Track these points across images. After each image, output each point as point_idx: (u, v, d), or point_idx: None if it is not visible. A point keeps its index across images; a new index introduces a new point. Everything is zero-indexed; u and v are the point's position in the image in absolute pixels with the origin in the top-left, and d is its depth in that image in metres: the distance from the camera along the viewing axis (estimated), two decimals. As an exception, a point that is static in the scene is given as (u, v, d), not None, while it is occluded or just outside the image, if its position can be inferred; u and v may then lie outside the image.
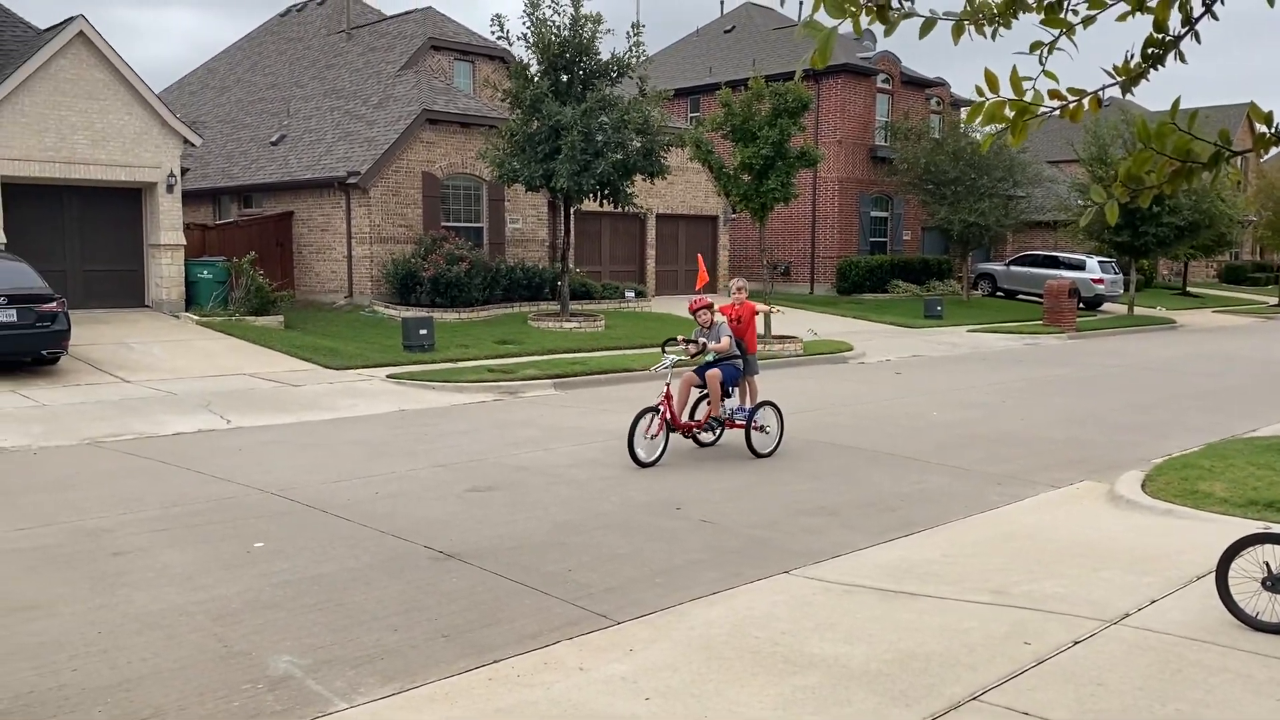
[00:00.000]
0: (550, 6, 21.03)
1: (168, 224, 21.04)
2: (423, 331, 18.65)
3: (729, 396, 10.50)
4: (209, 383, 15.00)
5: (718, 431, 10.68)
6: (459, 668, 5.00)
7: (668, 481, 9.17)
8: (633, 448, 9.50)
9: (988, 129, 2.61)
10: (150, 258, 21.38)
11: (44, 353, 14.88)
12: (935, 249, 37.93)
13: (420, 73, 26.34)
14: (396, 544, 7.09)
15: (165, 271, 21.11)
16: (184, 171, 21.69)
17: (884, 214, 36.53)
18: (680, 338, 10.54)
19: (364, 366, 17.02)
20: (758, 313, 11.74)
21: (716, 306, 10.71)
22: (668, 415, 9.80)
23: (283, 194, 25.70)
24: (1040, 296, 29.80)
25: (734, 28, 40.37)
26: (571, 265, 23.75)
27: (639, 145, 21.36)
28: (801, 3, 41.02)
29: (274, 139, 27.50)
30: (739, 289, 11.56)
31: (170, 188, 20.91)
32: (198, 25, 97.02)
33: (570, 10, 21.08)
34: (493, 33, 21.05)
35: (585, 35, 21.00)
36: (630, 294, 27.18)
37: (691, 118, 35.13)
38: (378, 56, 28.31)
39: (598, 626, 5.59)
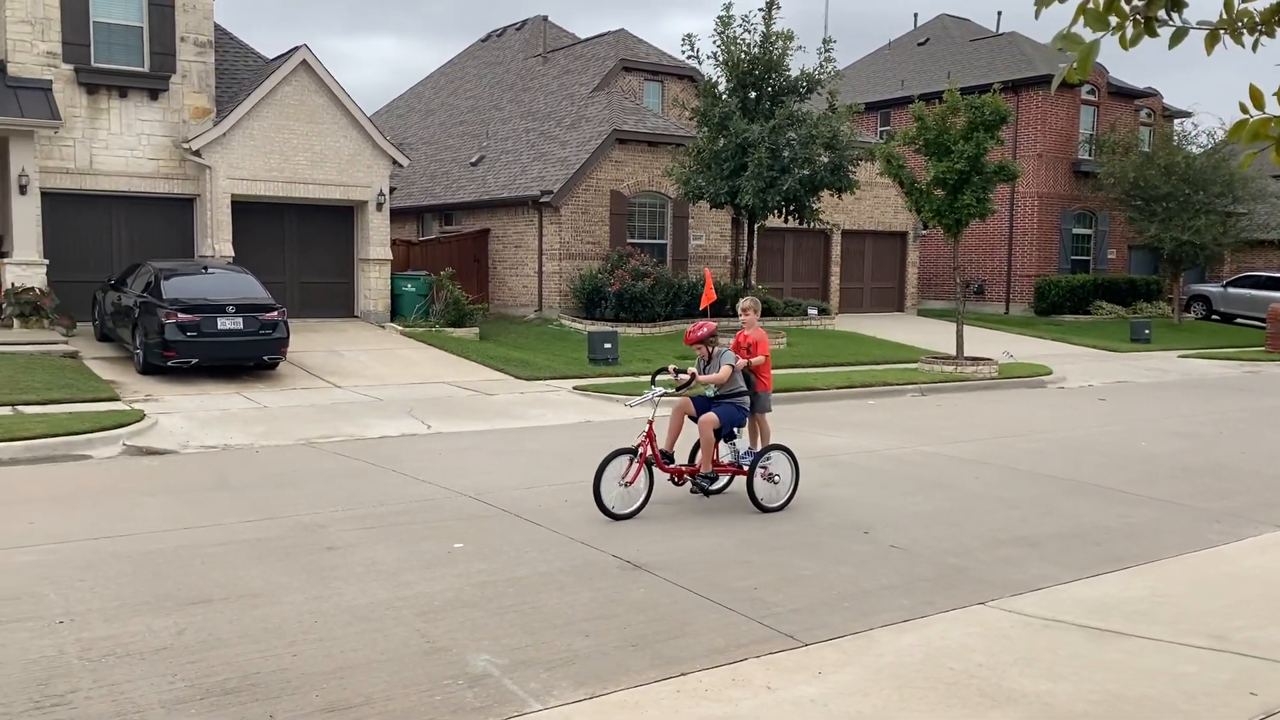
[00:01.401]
0: (741, 25, 21.16)
1: (376, 240, 22.36)
2: (607, 345, 19.04)
3: (734, 438, 8.82)
4: (411, 390, 15.80)
5: (726, 479, 9.01)
6: (648, 677, 5.07)
7: (851, 504, 9.01)
8: (599, 496, 7.93)
9: (1238, 146, 2.45)
10: (360, 271, 22.76)
11: (265, 358, 16.07)
12: (1143, 269, 35.73)
13: (611, 93, 26.97)
14: (585, 551, 7.26)
15: (373, 284, 22.43)
16: (391, 190, 22.99)
17: (1087, 231, 34.72)
18: (672, 367, 8.85)
19: (552, 378, 17.53)
20: (752, 345, 9.46)
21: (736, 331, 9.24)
22: (649, 454, 8.20)
23: (480, 212, 26.84)
24: (1263, 321, 27.59)
25: (928, 40, 39.39)
26: (754, 282, 23.69)
27: (827, 161, 21.17)
28: (999, 15, 39.68)
29: (473, 159, 28.77)
30: (745, 310, 9.78)
31: (379, 206, 22.21)
32: (399, 52, 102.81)
33: (761, 28, 21.14)
34: (683, 52, 21.36)
35: (775, 52, 20.99)
36: (813, 311, 26.88)
37: (881, 132, 34.48)
38: (571, 79, 29.19)
39: (785, 646, 5.54)
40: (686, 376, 8.64)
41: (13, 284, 18.24)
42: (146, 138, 20.23)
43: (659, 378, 8.69)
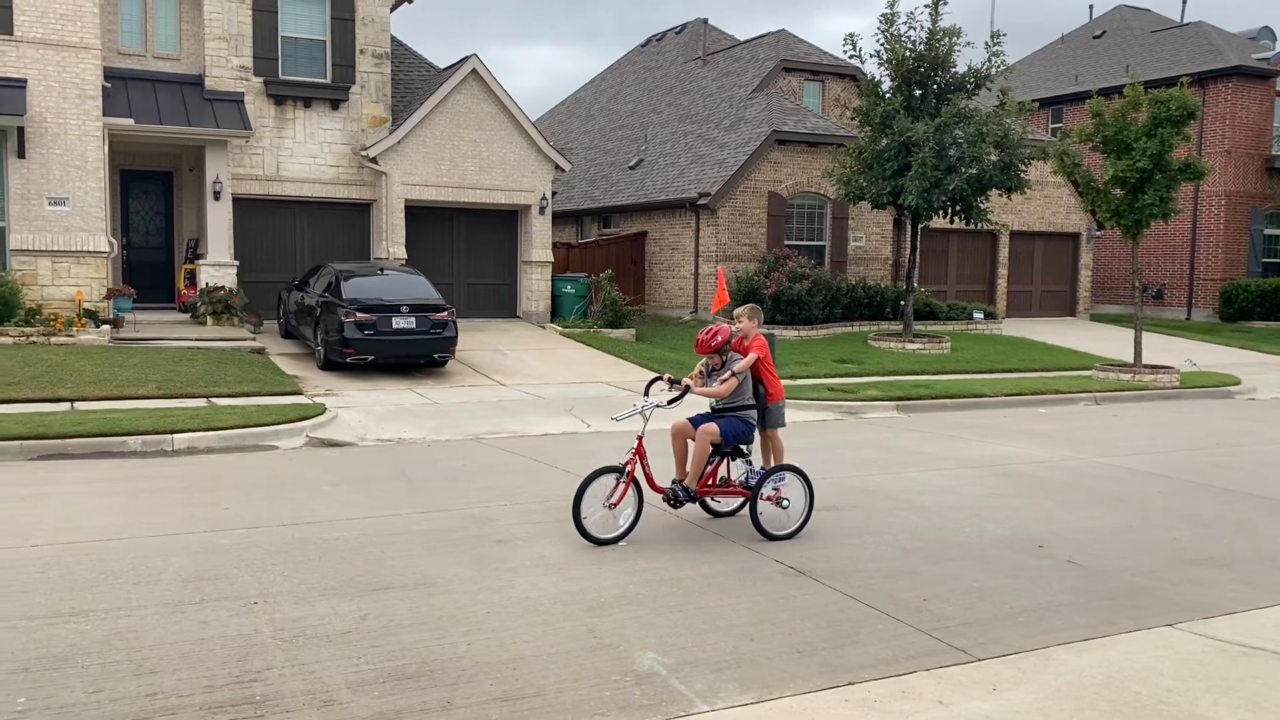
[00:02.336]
0: (906, 22, 20.69)
1: (539, 243, 22.93)
2: (766, 348, 18.91)
3: (745, 455, 7.93)
4: (571, 389, 16.13)
5: (739, 502, 8.05)
6: (814, 685, 5.02)
7: (1023, 516, 8.67)
8: (579, 518, 7.18)
9: None
10: (522, 273, 23.38)
11: (435, 356, 16.70)
12: (1346, 272, 33.03)
13: (771, 94, 26.80)
14: (747, 554, 7.24)
15: (535, 286, 23.00)
16: (553, 194, 23.52)
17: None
18: (668, 376, 7.93)
19: (709, 380, 17.54)
20: (747, 347, 8.14)
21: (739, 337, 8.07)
22: (637, 474, 7.41)
23: (638, 215, 27.14)
24: None
25: (1104, 32, 37.49)
26: (916, 284, 23.10)
27: (996, 159, 20.44)
28: (1185, 3, 37.38)
29: (632, 163, 29.12)
30: (738, 316, 8.40)
31: (542, 210, 22.77)
32: (557, 60, 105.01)
33: (927, 24, 20.61)
34: (845, 51, 21.02)
35: (942, 49, 20.42)
36: (978, 315, 26.00)
37: (1053, 129, 33.06)
38: (730, 80, 29.17)
39: (956, 661, 5.39)
40: (681, 389, 7.63)
41: (207, 283, 19.58)
42: (328, 146, 21.35)
43: (654, 387, 7.82)
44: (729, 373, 7.64)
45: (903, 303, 22.89)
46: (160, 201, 22.09)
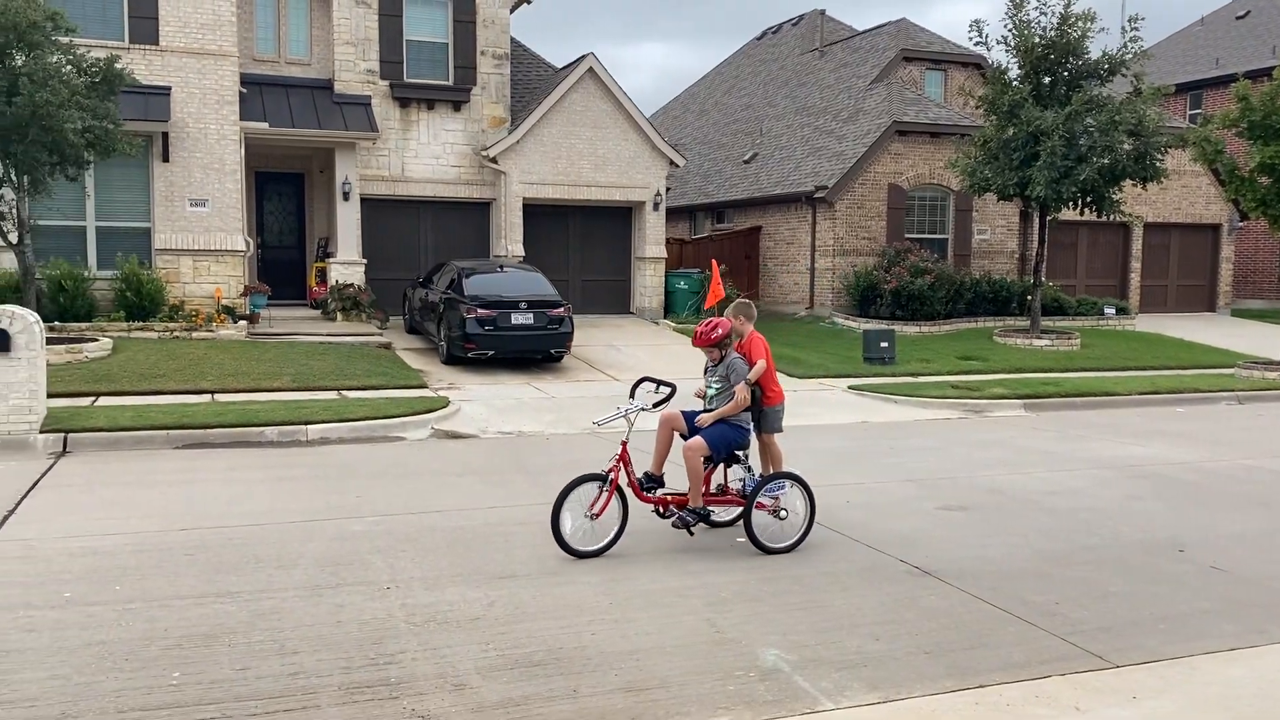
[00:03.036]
0: (1036, 7, 20.01)
1: (652, 239, 23.02)
2: (883, 344, 18.59)
3: (740, 461, 7.37)
4: (683, 385, 16.09)
5: (739, 511, 7.40)
6: (943, 686, 4.91)
7: (1162, 520, 8.30)
8: (558, 528, 6.68)
9: None
10: (636, 269, 23.51)
11: (552, 351, 16.95)
12: None
13: (891, 84, 26.28)
14: (870, 554, 7.13)
15: (648, 282, 23.11)
16: (666, 190, 23.58)
17: None
18: (655, 379, 7.47)
19: (825, 376, 17.33)
20: (747, 354, 7.62)
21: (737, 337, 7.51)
22: (622, 482, 6.87)
23: (752, 209, 26.98)
24: None
25: (1249, 13, 35.54)
26: (1044, 278, 22.34)
27: (1129, 148, 19.60)
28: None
29: (746, 157, 28.96)
30: (737, 315, 7.85)
31: (656, 206, 22.85)
32: (666, 57, 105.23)
33: (1058, 9, 19.89)
34: (970, 38, 20.43)
35: (1074, 35, 19.68)
36: (1110, 310, 24.99)
37: (1191, 115, 31.52)
38: (849, 71, 28.72)
39: (1092, 667, 5.20)
40: (668, 391, 7.21)
41: (336, 281, 20.29)
42: (450, 146, 21.87)
43: (639, 390, 7.39)
44: (741, 384, 7.08)
45: (1030, 298, 22.17)
46: (293, 202, 22.98)
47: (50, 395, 11.46)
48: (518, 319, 16.49)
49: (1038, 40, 19.85)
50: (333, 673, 4.86)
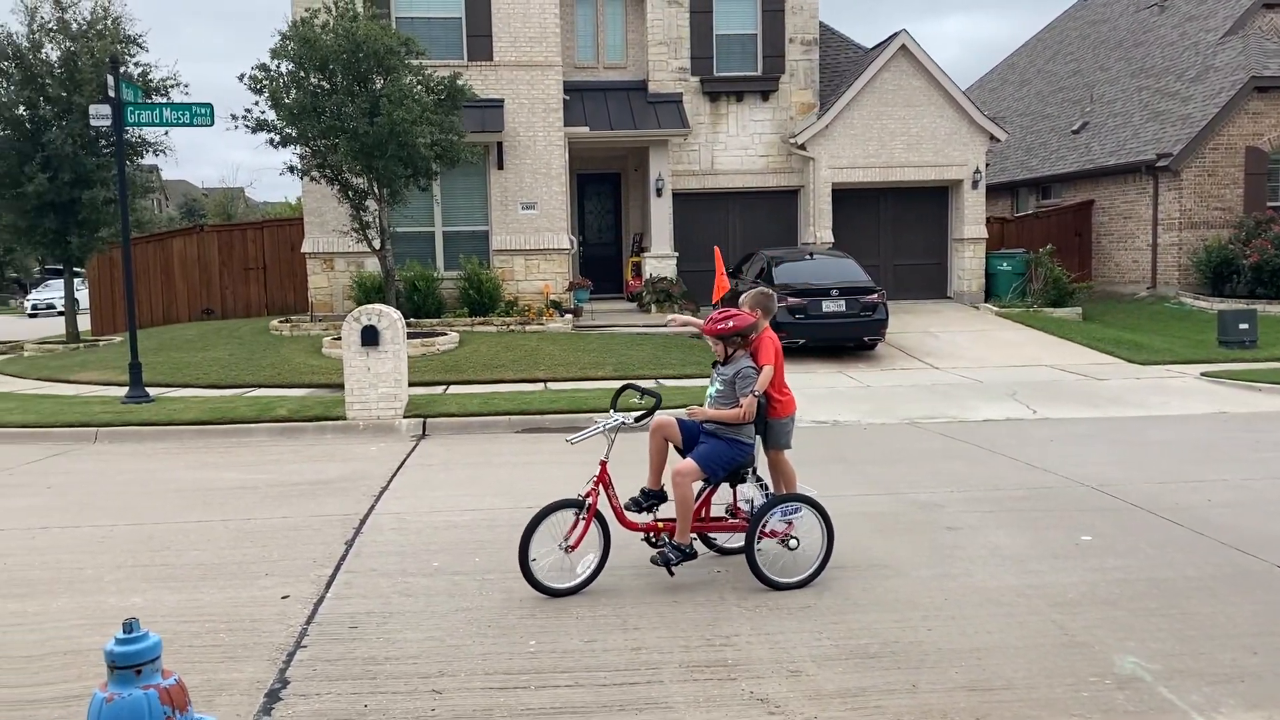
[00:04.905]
0: None
1: (970, 219, 21.98)
2: (1243, 326, 16.67)
3: (746, 480, 6.20)
4: (1010, 372, 15.30)
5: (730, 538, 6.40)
6: (1343, 713, 4.32)
7: None
8: (526, 565, 5.73)
9: None
10: (953, 251, 22.57)
11: (865, 339, 16.65)
12: None
13: (1247, 36, 23.44)
14: (1241, 558, 6.41)
15: (966, 264, 22.10)
16: (985, 167, 22.41)
17: None
18: (639, 386, 6.48)
19: (1172, 362, 15.81)
20: (754, 354, 6.26)
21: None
22: (602, 505, 5.92)
23: (1082, 183, 25.07)
24: None
25: None
26: None
27: None
28: None
29: (1075, 127, 26.94)
30: (741, 307, 6.42)
31: (975, 184, 21.80)
32: (969, 29, 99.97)
33: None
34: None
35: None
36: None
37: None
38: (1195, 25, 25.93)
39: None
40: (654, 402, 6.15)
41: (650, 274, 21.06)
42: (758, 136, 22.04)
43: (621, 399, 6.38)
44: (749, 397, 5.95)
45: None
46: (610, 201, 24.11)
47: (410, 384, 12.76)
48: (829, 306, 16.33)
49: None
50: (672, 650, 5.05)
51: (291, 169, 17.15)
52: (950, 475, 8.94)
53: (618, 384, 13.95)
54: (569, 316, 19.01)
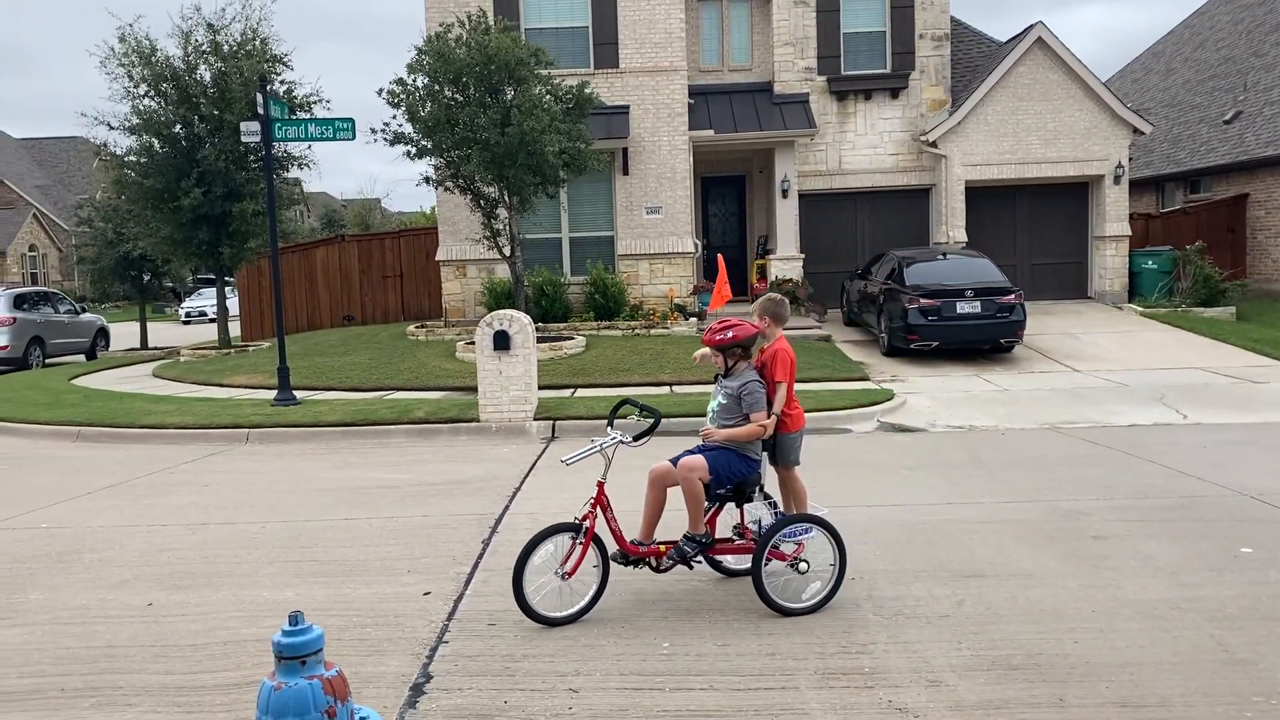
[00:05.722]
0: None
1: (1113, 215, 21.10)
2: None
3: (753, 498, 5.82)
4: (1158, 375, 14.61)
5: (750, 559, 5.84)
6: None
7: None
8: (521, 592, 5.38)
9: None
10: (1093, 249, 21.70)
11: (1002, 341, 16.14)
12: None
13: None
14: None
15: (1108, 263, 21.21)
16: (1129, 161, 21.47)
17: None
18: (638, 402, 6.07)
19: (1339, 365, 14.83)
20: (766, 366, 5.90)
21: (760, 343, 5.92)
22: (600, 530, 5.57)
23: (1235, 175, 23.76)
24: None
25: None
26: None
27: None
28: None
29: (1226, 117, 25.54)
30: (753, 315, 6.08)
31: (1117, 179, 20.92)
32: (1104, 20, 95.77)
33: None
34: None
35: None
36: None
37: None
38: (1360, 4, 24.27)
39: None
40: (650, 421, 5.78)
41: (776, 277, 20.90)
42: (887, 135, 21.64)
43: (618, 419, 5.96)
44: (765, 415, 5.69)
45: None
46: (734, 203, 24.05)
47: (539, 387, 13.00)
48: (963, 307, 15.91)
49: None
50: (808, 657, 5.00)
51: (427, 180, 17.71)
52: (1094, 482, 8.60)
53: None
54: (693, 320, 19.04)
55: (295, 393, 14.13)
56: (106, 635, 5.56)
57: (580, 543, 5.49)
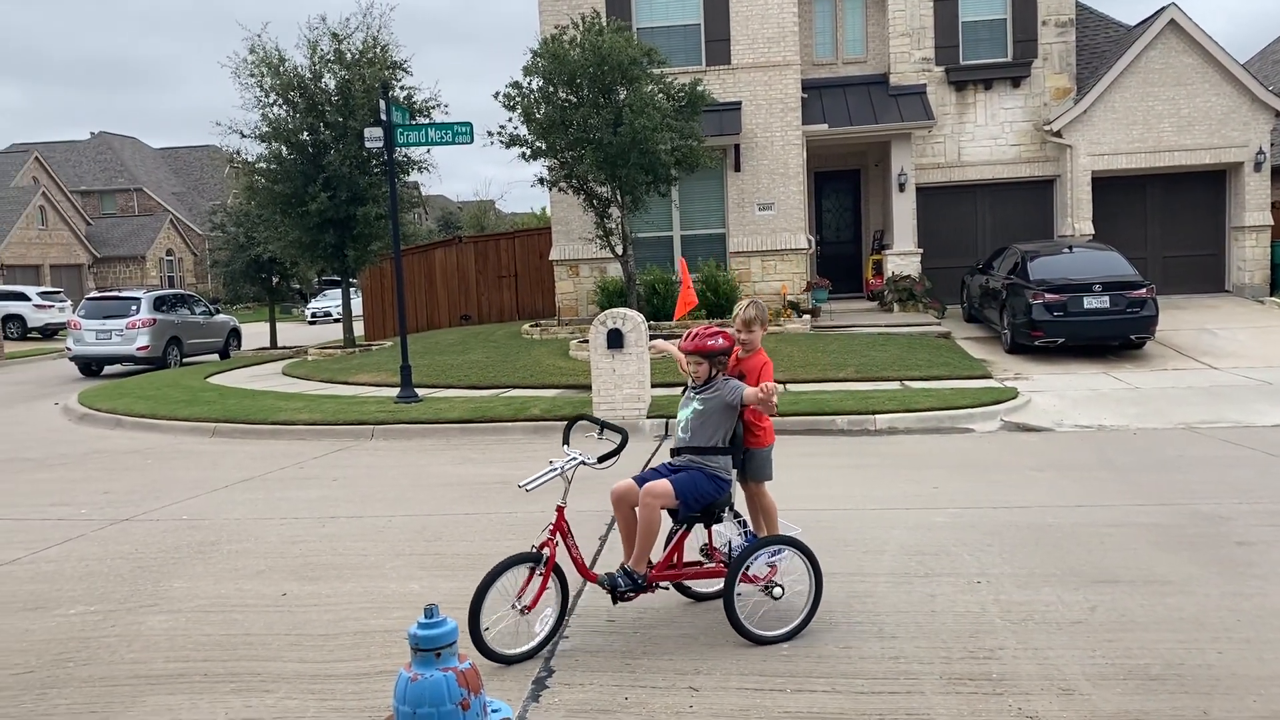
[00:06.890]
0: None
1: (1253, 204, 20.06)
2: None
3: (719, 522, 5.41)
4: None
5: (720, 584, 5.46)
6: None
7: None
8: (477, 629, 4.84)
9: None
10: (1232, 241, 20.67)
11: (1132, 337, 15.51)
12: None
13: None
14: None
15: (1248, 254, 20.18)
16: (1271, 147, 20.36)
17: None
18: (598, 419, 5.65)
19: None
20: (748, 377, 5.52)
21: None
22: (560, 559, 5.16)
23: (1390, 159, 22.25)
24: None
25: None
26: None
27: None
28: None
29: (1379, 96, 23.94)
30: (744, 322, 5.64)
31: (1258, 166, 19.89)
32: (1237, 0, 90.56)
33: None
34: None
35: None
36: None
37: None
38: None
39: None
40: (618, 441, 5.37)
41: (892, 272, 20.52)
42: (1008, 125, 21.01)
43: (573, 433, 5.60)
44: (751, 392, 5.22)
45: None
46: (848, 198, 23.70)
47: (652, 385, 13.05)
48: (1090, 303, 15.33)
49: None
50: (932, 661, 4.89)
51: (541, 181, 17.97)
52: (1236, 485, 8.18)
53: (861, 386, 13.72)
54: (807, 317, 18.83)
55: (416, 390, 14.51)
56: (244, 623, 5.80)
57: (540, 573, 5.08)
